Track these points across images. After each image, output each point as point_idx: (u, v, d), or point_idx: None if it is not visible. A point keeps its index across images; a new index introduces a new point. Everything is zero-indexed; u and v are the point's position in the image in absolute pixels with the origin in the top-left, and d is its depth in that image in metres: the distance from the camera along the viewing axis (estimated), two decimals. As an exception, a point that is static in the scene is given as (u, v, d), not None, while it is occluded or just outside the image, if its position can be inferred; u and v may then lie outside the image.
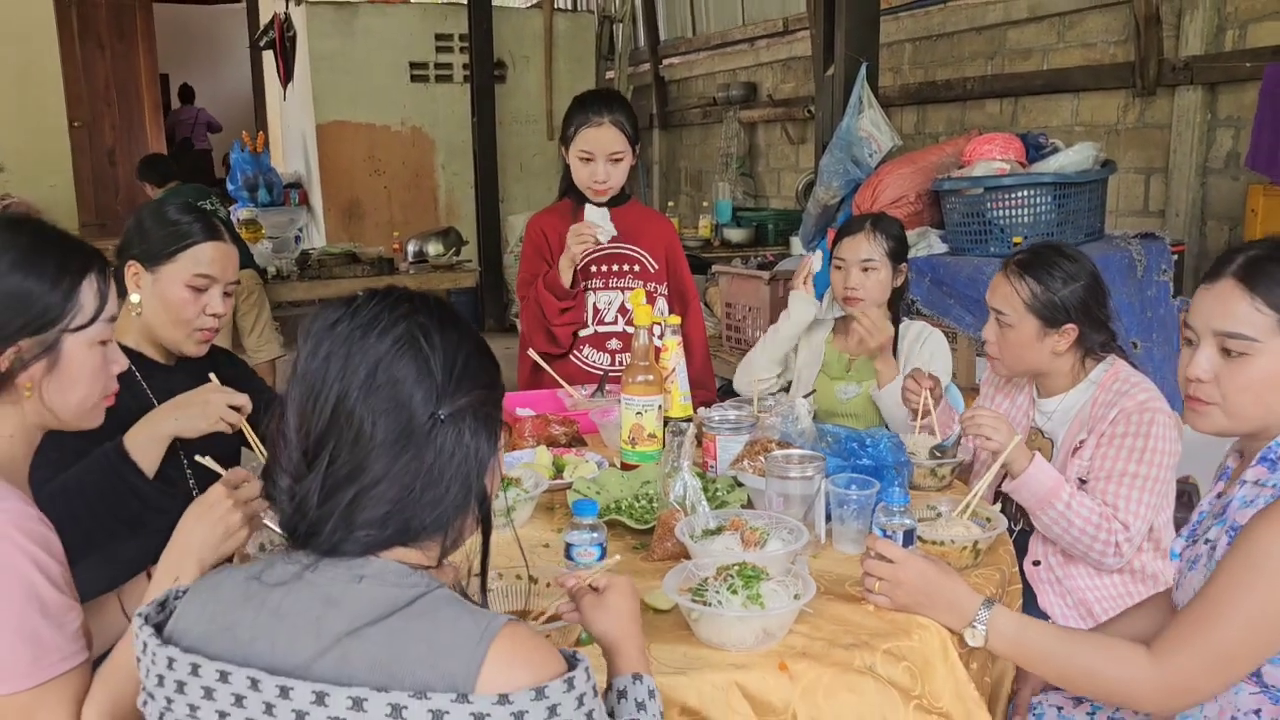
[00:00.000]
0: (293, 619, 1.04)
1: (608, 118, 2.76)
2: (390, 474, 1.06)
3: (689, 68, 9.47)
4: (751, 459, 1.99)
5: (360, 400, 1.06)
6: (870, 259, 2.67)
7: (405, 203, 8.65)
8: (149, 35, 10.33)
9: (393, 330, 1.08)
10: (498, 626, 1.02)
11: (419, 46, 8.55)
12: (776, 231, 6.71)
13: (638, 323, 2.22)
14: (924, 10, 6.37)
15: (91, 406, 1.40)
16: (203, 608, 1.09)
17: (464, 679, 0.98)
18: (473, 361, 1.12)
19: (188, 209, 1.98)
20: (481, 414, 1.12)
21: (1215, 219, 4.72)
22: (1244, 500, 1.43)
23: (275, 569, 1.07)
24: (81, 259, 1.36)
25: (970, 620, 1.51)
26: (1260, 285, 1.41)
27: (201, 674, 1.03)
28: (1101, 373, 2.20)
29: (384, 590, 1.04)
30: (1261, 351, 1.41)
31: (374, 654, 1.00)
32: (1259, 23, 4.45)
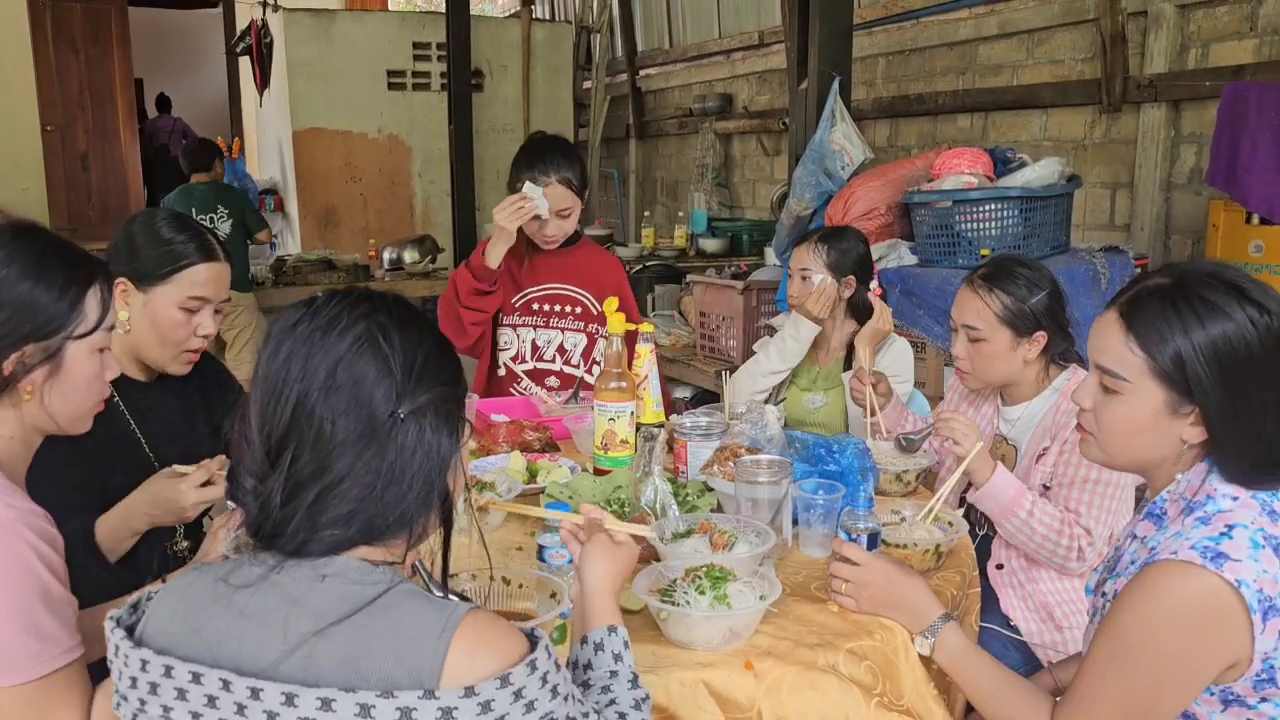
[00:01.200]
0: (259, 620, 1.05)
1: (555, 177, 2.74)
2: (353, 472, 1.07)
3: (666, 78, 9.54)
4: (721, 464, 2.03)
5: (321, 400, 1.07)
6: (807, 269, 2.75)
7: (381, 210, 8.65)
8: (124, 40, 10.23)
9: (352, 330, 1.09)
10: (459, 616, 1.03)
11: (396, 54, 8.56)
12: (751, 242, 6.77)
13: (611, 330, 2.26)
14: (897, 25, 6.46)
15: (87, 411, 1.45)
16: (173, 610, 1.10)
17: (429, 672, 1.00)
18: (433, 359, 1.13)
19: (181, 225, 1.93)
20: (443, 411, 1.13)
21: (1179, 233, 4.82)
22: (1131, 557, 1.41)
23: (241, 571, 1.09)
24: (87, 270, 1.40)
25: (925, 628, 1.56)
26: (1139, 322, 1.33)
27: (175, 675, 1.05)
28: (1065, 380, 2.25)
29: (347, 588, 1.05)
30: (1131, 392, 1.34)
31: (340, 652, 1.02)
32: (1220, 42, 4.56)
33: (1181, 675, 1.28)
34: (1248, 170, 3.86)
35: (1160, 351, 1.31)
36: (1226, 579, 1.23)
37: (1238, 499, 1.31)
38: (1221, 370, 1.28)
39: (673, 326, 5.40)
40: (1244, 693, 1.29)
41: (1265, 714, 1.30)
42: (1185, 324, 1.29)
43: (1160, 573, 1.27)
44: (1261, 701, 1.29)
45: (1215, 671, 1.27)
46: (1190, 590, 1.24)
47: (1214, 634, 1.25)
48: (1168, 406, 1.33)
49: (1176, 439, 1.35)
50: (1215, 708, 1.33)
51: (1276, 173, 3.74)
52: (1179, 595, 1.25)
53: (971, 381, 2.32)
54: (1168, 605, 1.25)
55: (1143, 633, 1.27)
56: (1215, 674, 1.28)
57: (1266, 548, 1.25)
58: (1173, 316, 1.30)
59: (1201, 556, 1.24)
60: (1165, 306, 1.31)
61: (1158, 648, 1.26)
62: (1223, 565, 1.23)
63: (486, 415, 2.62)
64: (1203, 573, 1.24)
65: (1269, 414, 1.29)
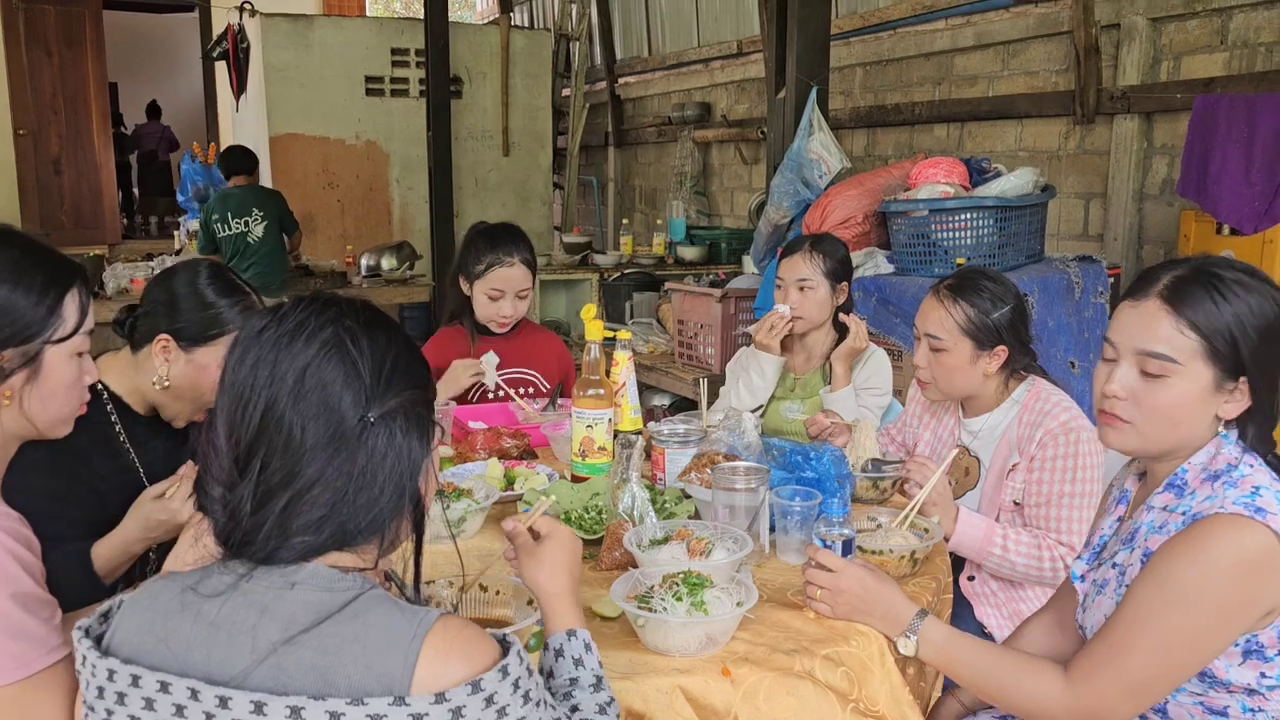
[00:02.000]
0: (228, 629, 1.04)
1: (518, 258, 2.86)
2: (323, 478, 1.06)
3: (644, 87, 9.57)
4: (699, 471, 2.03)
5: (289, 406, 1.06)
6: (807, 279, 2.74)
7: (359, 216, 8.62)
8: (98, 43, 10.15)
9: (319, 335, 1.09)
10: (430, 622, 1.03)
11: (374, 60, 8.53)
12: (729, 250, 6.80)
13: (589, 337, 2.26)
14: (874, 36, 6.51)
15: (67, 416, 1.44)
16: (141, 618, 1.09)
17: (400, 679, 0.99)
18: (401, 363, 1.13)
19: (225, 288, 1.90)
20: (413, 414, 1.12)
21: (1151, 243, 4.88)
22: (1153, 526, 1.45)
23: (210, 580, 1.07)
24: (66, 274, 1.40)
25: (904, 629, 1.57)
26: (1185, 307, 1.39)
27: (142, 685, 1.03)
28: (1024, 392, 2.26)
29: (316, 595, 1.05)
30: (1181, 375, 1.40)
31: (310, 660, 1.01)
32: (1192, 55, 4.63)
33: (1228, 622, 1.34)
34: (1218, 181, 3.92)
35: (1214, 331, 1.38)
36: (1273, 528, 1.31)
37: (1254, 466, 1.40)
38: (1264, 341, 1.38)
39: (651, 334, 5.41)
40: (1268, 643, 1.35)
41: (1278, 666, 1.36)
42: (1230, 301, 1.38)
43: (1213, 525, 1.33)
44: (1278, 654, 1.35)
45: (1256, 618, 1.34)
46: (1245, 541, 1.31)
47: (1263, 581, 1.32)
48: (1214, 384, 1.40)
49: (1212, 417, 1.43)
50: (1235, 659, 1.37)
51: (1246, 184, 3.80)
52: (1233, 544, 1.31)
53: (931, 393, 2.32)
54: (1221, 553, 1.32)
55: (1198, 579, 1.32)
56: (1255, 620, 1.34)
57: None
58: (1217, 297, 1.38)
59: (1246, 510, 1.32)
60: (1207, 289, 1.39)
61: (1213, 593, 1.32)
62: (1265, 517, 1.32)
63: (464, 422, 2.61)
64: (1253, 524, 1.31)
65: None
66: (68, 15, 10.00)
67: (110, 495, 1.80)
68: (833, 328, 2.83)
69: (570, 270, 6.73)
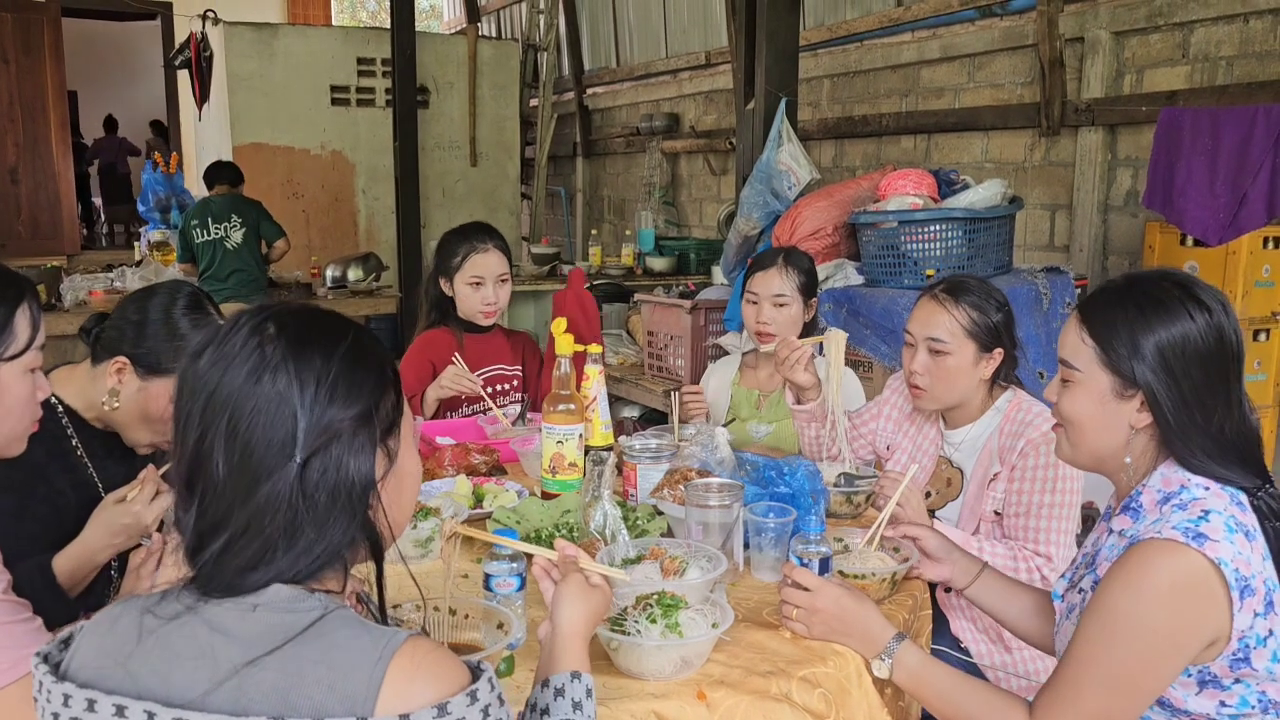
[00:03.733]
0: (186, 653, 1.01)
1: (492, 244, 2.94)
2: (258, 517, 1.01)
3: (613, 97, 9.56)
4: (671, 488, 2.00)
5: (219, 440, 1.01)
6: (782, 294, 2.71)
7: (324, 227, 8.53)
8: (57, 51, 9.99)
9: (253, 357, 1.02)
10: (398, 643, 0.99)
11: (340, 69, 8.47)
12: (698, 261, 6.79)
13: (559, 351, 2.23)
14: (841, 48, 6.54)
15: (21, 433, 1.42)
16: (99, 643, 1.06)
17: (363, 700, 0.96)
18: (342, 383, 1.04)
19: (200, 321, 1.82)
20: (356, 440, 1.05)
21: (1116, 254, 4.92)
22: (1110, 549, 1.45)
23: (168, 603, 1.04)
24: (15, 289, 1.37)
25: (880, 651, 1.54)
26: (1089, 317, 1.45)
27: (98, 709, 1.00)
28: (1006, 402, 2.26)
29: (279, 617, 1.00)
30: (1082, 382, 1.45)
31: (271, 682, 0.97)
32: (1155, 68, 4.68)
33: (1167, 649, 1.32)
34: (1183, 194, 3.96)
35: (1106, 339, 1.42)
36: (1208, 556, 1.29)
37: (1209, 489, 1.38)
38: (1162, 354, 1.38)
39: (621, 346, 5.38)
40: (1220, 673, 1.33)
41: (1237, 694, 1.34)
42: (1128, 313, 1.41)
43: (1146, 550, 1.33)
44: (1235, 682, 1.34)
45: (1198, 648, 1.32)
46: (1176, 566, 1.30)
47: (1198, 608, 1.30)
48: (1113, 390, 1.43)
49: (1125, 424, 1.44)
50: (1191, 689, 1.36)
51: (1211, 196, 3.84)
52: (1165, 570, 1.31)
53: (926, 401, 2.28)
54: (1154, 580, 1.31)
55: (1131, 607, 1.32)
56: (1197, 650, 1.32)
57: (1239, 533, 1.33)
58: (1117, 308, 1.43)
59: (1184, 535, 1.31)
60: (1113, 301, 1.44)
61: (1146, 621, 1.31)
62: (1204, 544, 1.30)
63: (432, 438, 2.57)
64: (1186, 550, 1.30)
65: (1215, 400, 1.39)
66: (26, 22, 9.84)
67: (69, 510, 1.75)
68: None
69: (539, 281, 6.69)
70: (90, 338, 1.85)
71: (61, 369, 1.86)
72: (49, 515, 1.73)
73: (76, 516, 1.71)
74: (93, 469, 1.84)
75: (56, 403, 1.80)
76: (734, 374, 2.88)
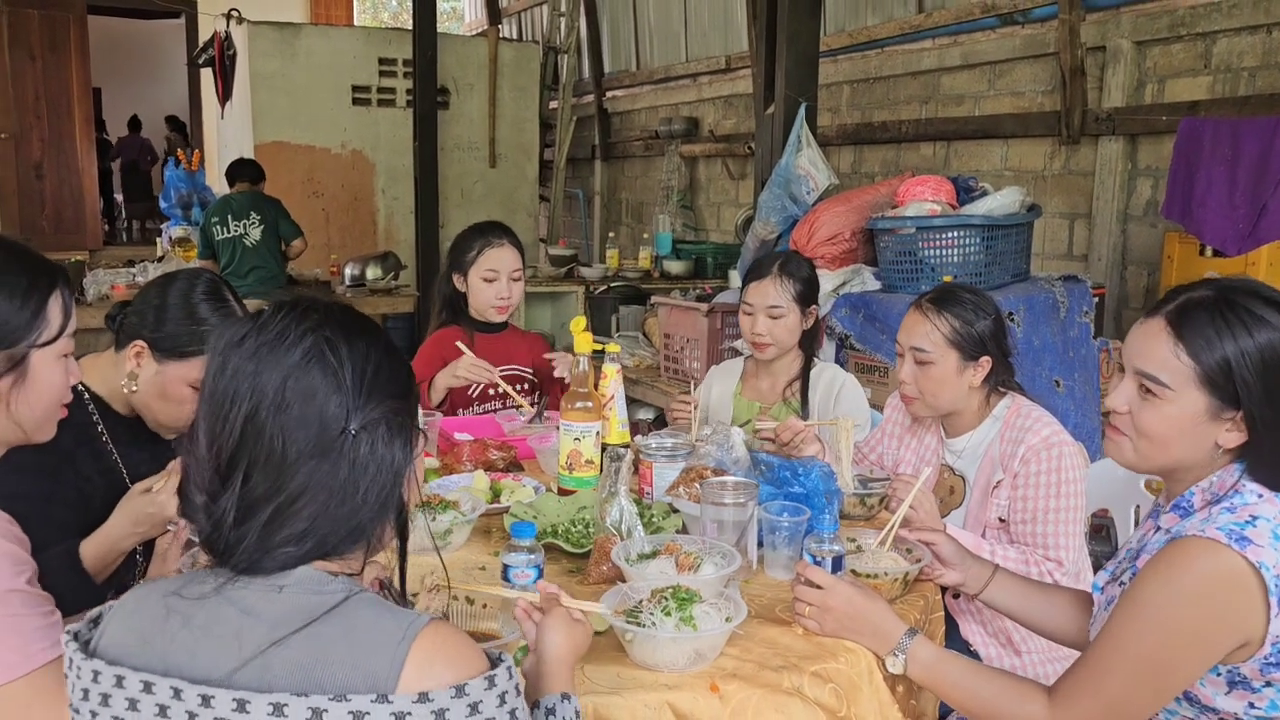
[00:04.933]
0: (213, 633, 1.04)
1: (506, 239, 2.96)
2: (306, 491, 1.05)
3: (632, 100, 9.59)
4: (687, 486, 2.02)
5: (271, 417, 1.05)
6: (777, 305, 2.66)
7: (343, 225, 8.58)
8: (83, 49, 10.10)
9: (300, 344, 1.07)
10: (420, 625, 1.02)
11: (362, 69, 8.52)
12: (715, 265, 6.80)
13: (578, 349, 2.25)
14: (862, 54, 6.55)
15: (53, 417, 1.44)
16: (127, 623, 1.09)
17: (385, 679, 0.99)
18: (383, 371, 1.11)
19: (218, 306, 1.86)
20: (395, 423, 1.11)
21: (1135, 264, 4.91)
22: (1157, 545, 1.44)
23: (195, 585, 1.07)
24: (48, 276, 1.39)
25: (893, 647, 1.56)
26: (1186, 332, 1.38)
27: (126, 685, 1.03)
28: (1004, 409, 2.26)
29: (305, 598, 1.04)
30: (1171, 399, 1.39)
31: (295, 660, 1.00)
32: (1176, 78, 4.68)
33: (1196, 646, 1.32)
34: (1203, 204, 3.95)
35: (1209, 359, 1.36)
36: (1249, 559, 1.28)
37: (1263, 496, 1.37)
38: (1265, 376, 1.34)
39: (636, 347, 5.40)
40: (1250, 675, 1.33)
41: (1267, 698, 1.34)
42: (1234, 332, 1.35)
43: (1186, 546, 1.32)
44: (1266, 685, 1.34)
45: (1228, 647, 1.32)
46: (1214, 565, 1.30)
47: (1232, 609, 1.30)
48: (1209, 412, 1.38)
49: (1211, 444, 1.40)
50: (1220, 689, 1.36)
51: (1230, 206, 3.83)
52: (1203, 568, 1.30)
53: (919, 407, 2.30)
54: (1191, 576, 1.31)
55: (1164, 601, 1.32)
56: (1227, 650, 1.32)
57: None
58: (1221, 326, 1.36)
59: (1226, 536, 1.30)
60: (1213, 316, 1.37)
61: (1178, 616, 1.31)
62: (1245, 547, 1.29)
63: (450, 433, 2.59)
64: (1227, 550, 1.29)
65: None
66: (52, 20, 9.95)
67: (95, 497, 1.78)
68: (799, 350, 2.78)
69: (556, 283, 6.72)
70: (115, 324, 1.89)
71: (87, 357, 1.89)
72: (76, 501, 1.76)
73: (103, 502, 1.74)
74: (118, 456, 1.87)
75: (83, 390, 1.84)
76: (736, 384, 2.88)
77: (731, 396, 2.86)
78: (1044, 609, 1.80)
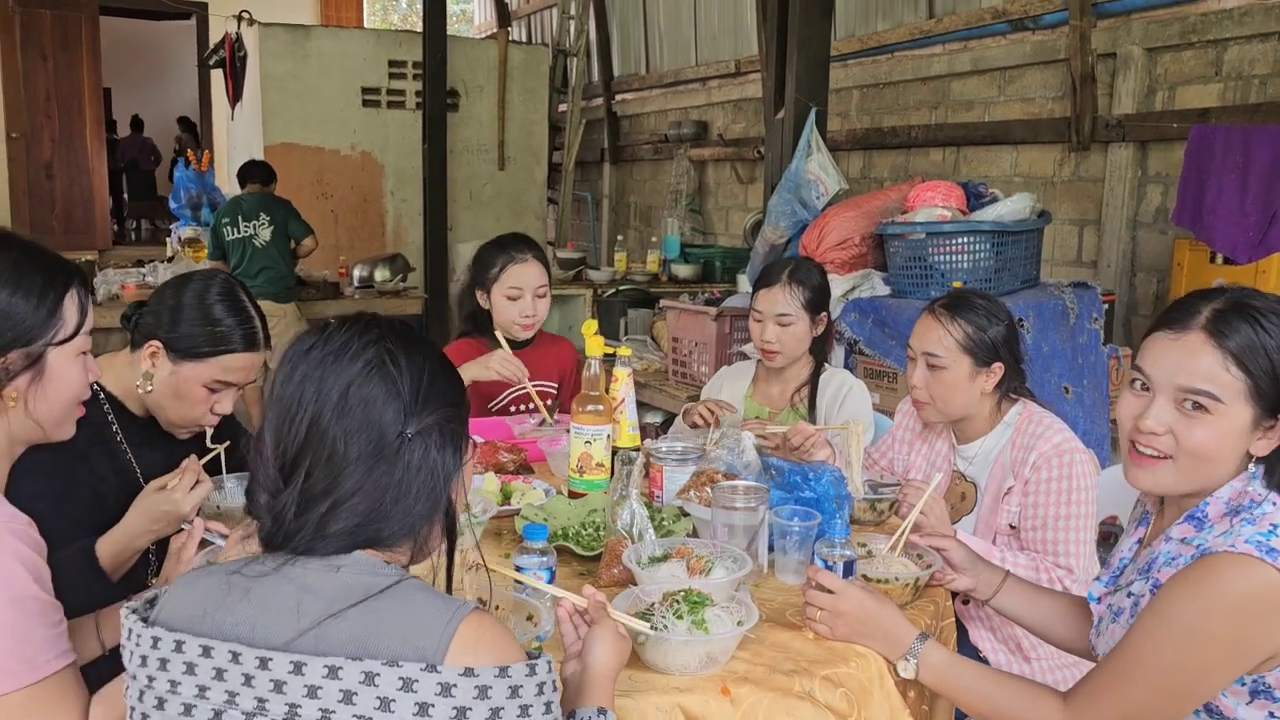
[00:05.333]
0: (272, 606, 1.10)
1: (531, 254, 2.83)
2: (362, 489, 1.13)
3: (641, 104, 9.60)
4: (698, 489, 2.02)
5: (334, 421, 1.13)
6: (786, 313, 2.65)
7: (352, 227, 8.61)
8: (94, 49, 10.14)
9: (363, 355, 1.16)
10: (466, 611, 1.09)
11: (372, 71, 8.55)
12: (723, 269, 6.81)
13: (589, 353, 2.26)
14: (872, 59, 6.55)
15: (71, 415, 1.45)
16: (185, 596, 1.15)
17: (434, 653, 1.05)
18: (438, 381, 1.19)
19: (233, 307, 1.87)
20: (448, 430, 1.19)
21: (1144, 271, 4.91)
22: (1169, 557, 1.44)
23: (254, 564, 1.14)
24: (64, 275, 1.40)
25: (904, 652, 1.56)
26: (1230, 342, 1.35)
27: (185, 650, 1.09)
28: (1016, 415, 2.27)
29: (360, 578, 1.11)
30: (1222, 413, 1.36)
31: (349, 632, 1.07)
32: (1187, 85, 4.67)
33: (1228, 661, 1.32)
34: (1213, 211, 3.95)
35: (1258, 371, 1.35)
36: None
37: (1277, 504, 1.37)
38: None
39: (645, 351, 5.41)
40: (1275, 684, 1.34)
41: None
42: (1274, 338, 1.35)
43: (1219, 563, 1.32)
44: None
45: (1256, 660, 1.32)
46: (1251, 580, 1.29)
47: (1265, 623, 1.30)
48: (1254, 422, 1.37)
49: (1243, 455, 1.40)
50: (1243, 698, 1.36)
51: (1241, 214, 3.83)
52: (1239, 585, 1.30)
53: (930, 413, 2.30)
54: (1228, 593, 1.30)
55: (1195, 616, 1.31)
56: (1256, 663, 1.33)
57: None
58: (1261, 333, 1.35)
59: (1257, 550, 1.30)
60: (1258, 330, 1.35)
61: (1213, 633, 1.31)
62: (1277, 558, 1.29)
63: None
64: (1261, 564, 1.29)
65: None
66: (64, 20, 9.99)
67: (109, 496, 1.79)
68: (810, 356, 2.77)
69: (564, 285, 6.73)
70: (130, 324, 1.90)
71: (103, 357, 1.89)
72: (91, 500, 1.77)
73: (116, 502, 1.75)
74: (131, 455, 1.88)
75: (99, 390, 1.85)
76: (748, 386, 2.88)
77: (743, 399, 2.86)
78: (1053, 616, 1.80)
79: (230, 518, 1.84)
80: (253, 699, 1.06)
